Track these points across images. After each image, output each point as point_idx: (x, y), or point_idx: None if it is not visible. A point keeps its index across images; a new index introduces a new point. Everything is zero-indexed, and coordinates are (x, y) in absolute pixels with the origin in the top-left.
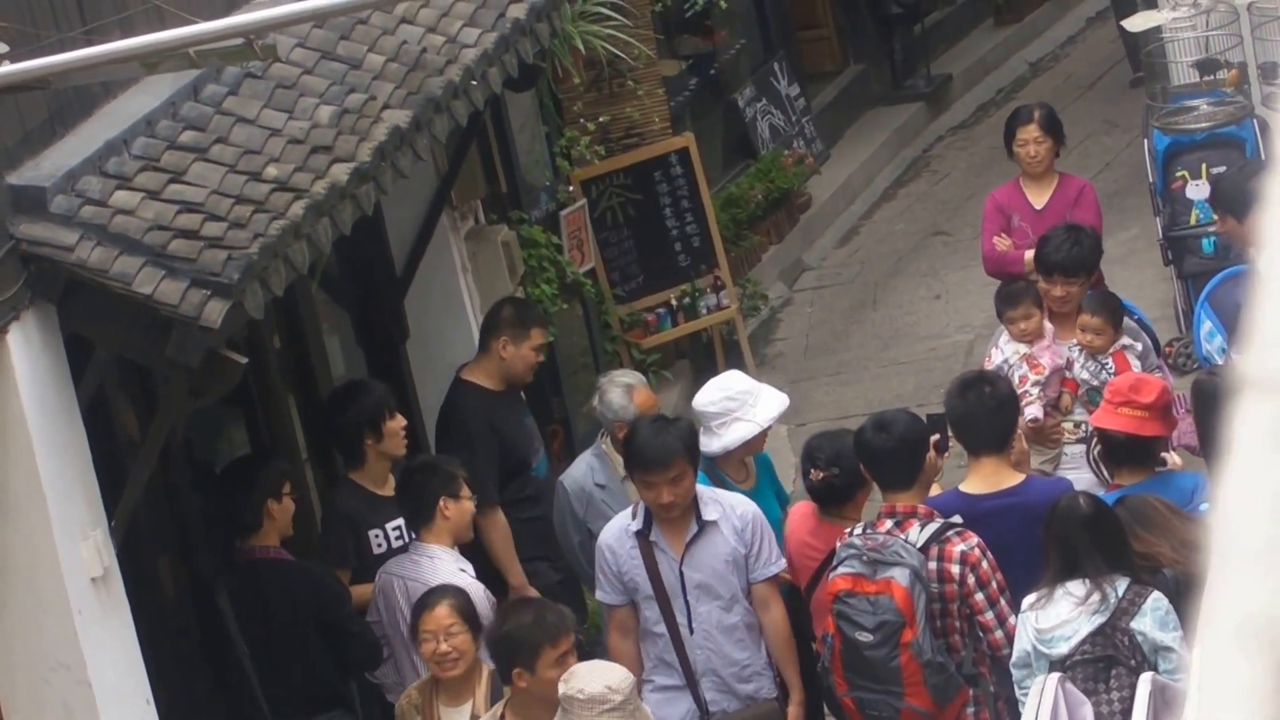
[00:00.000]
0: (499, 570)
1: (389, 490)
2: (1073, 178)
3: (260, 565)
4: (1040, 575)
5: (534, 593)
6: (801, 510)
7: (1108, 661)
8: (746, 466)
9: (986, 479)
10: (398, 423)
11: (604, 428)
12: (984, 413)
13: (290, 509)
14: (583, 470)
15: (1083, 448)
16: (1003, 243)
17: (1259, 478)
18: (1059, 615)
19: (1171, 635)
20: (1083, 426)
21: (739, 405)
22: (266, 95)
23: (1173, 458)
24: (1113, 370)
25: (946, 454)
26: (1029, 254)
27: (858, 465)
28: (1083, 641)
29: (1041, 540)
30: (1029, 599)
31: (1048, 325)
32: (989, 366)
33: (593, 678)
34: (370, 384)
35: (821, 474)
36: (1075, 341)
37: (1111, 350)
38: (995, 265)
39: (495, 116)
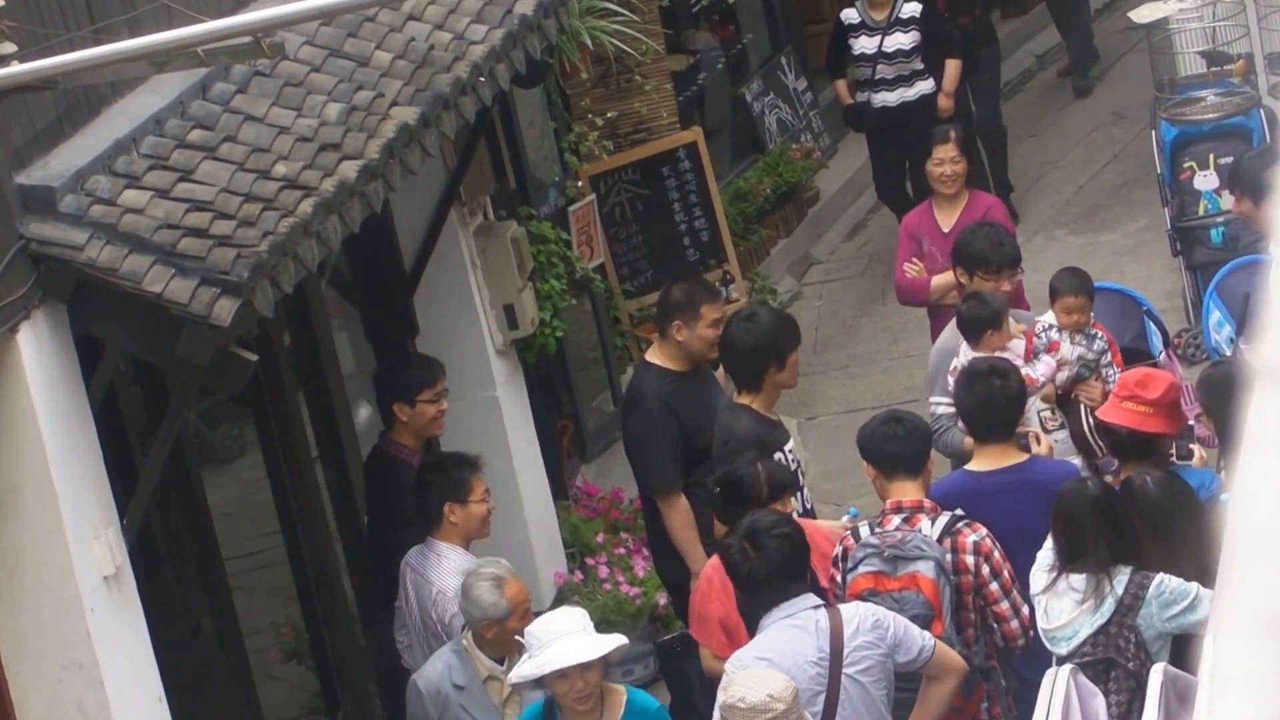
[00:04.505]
0: (682, 555)
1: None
2: (982, 195)
3: (383, 456)
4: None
5: None
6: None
7: (1107, 664)
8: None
9: (992, 459)
10: (795, 356)
11: (468, 625)
12: (997, 406)
13: (424, 412)
14: (439, 669)
15: (1064, 433)
16: (913, 269)
17: (1273, 467)
18: (1061, 614)
19: (1181, 602)
20: (1058, 412)
21: (536, 644)
22: (275, 93)
23: (1198, 450)
24: (1104, 338)
25: None
26: (936, 280)
27: None
28: (1083, 643)
29: (1050, 525)
30: (1040, 580)
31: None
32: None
33: (754, 685)
34: (785, 318)
35: None
36: (1049, 324)
37: (1092, 321)
38: (906, 295)
39: (503, 113)
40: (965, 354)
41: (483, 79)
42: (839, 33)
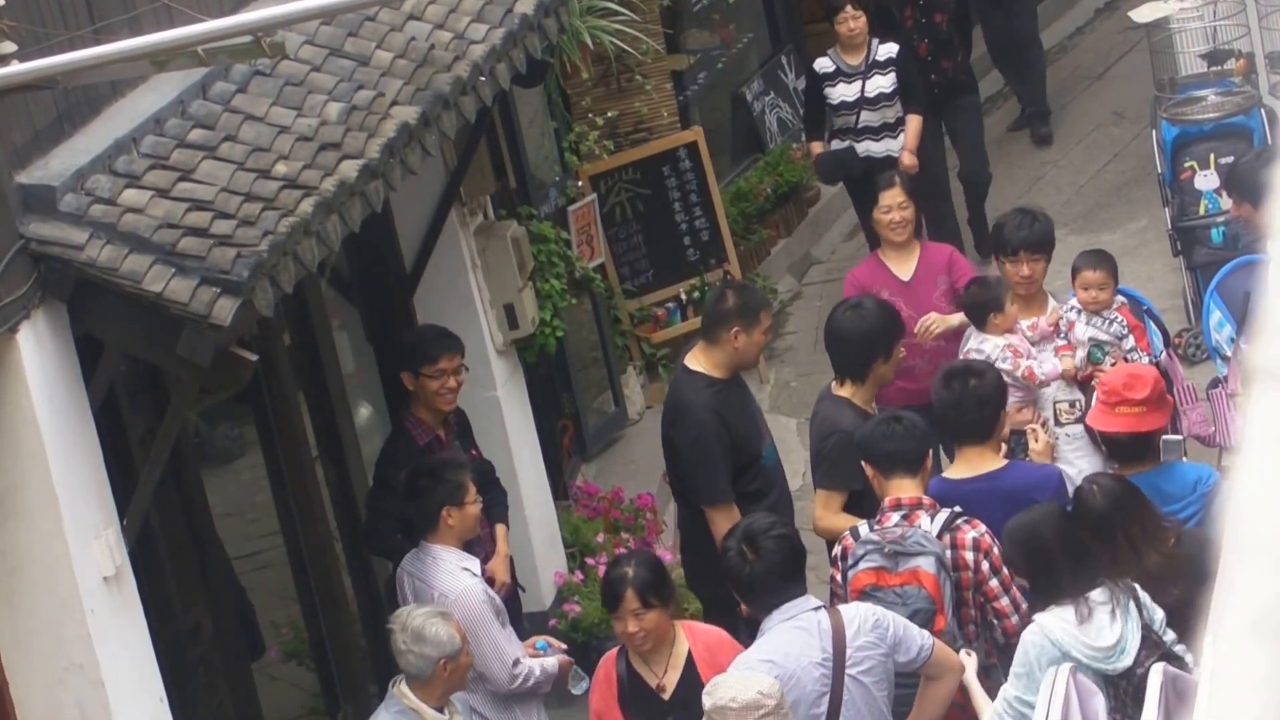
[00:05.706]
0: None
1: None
2: (935, 245)
3: (397, 426)
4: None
5: None
6: None
7: (1163, 659)
8: None
9: (969, 464)
10: (900, 348)
11: (418, 674)
12: (967, 406)
13: (426, 385)
14: None
15: (1080, 427)
16: None
17: (1272, 468)
18: (1104, 631)
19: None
20: (1078, 405)
21: None
22: (275, 92)
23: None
24: (1124, 322)
25: None
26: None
27: None
28: (1140, 648)
29: (1074, 543)
30: (1066, 613)
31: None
32: None
33: (743, 685)
34: (888, 307)
35: None
36: (1070, 305)
37: (1116, 305)
38: None
39: (504, 112)
40: (975, 338)
41: (483, 78)
42: (814, 84)
